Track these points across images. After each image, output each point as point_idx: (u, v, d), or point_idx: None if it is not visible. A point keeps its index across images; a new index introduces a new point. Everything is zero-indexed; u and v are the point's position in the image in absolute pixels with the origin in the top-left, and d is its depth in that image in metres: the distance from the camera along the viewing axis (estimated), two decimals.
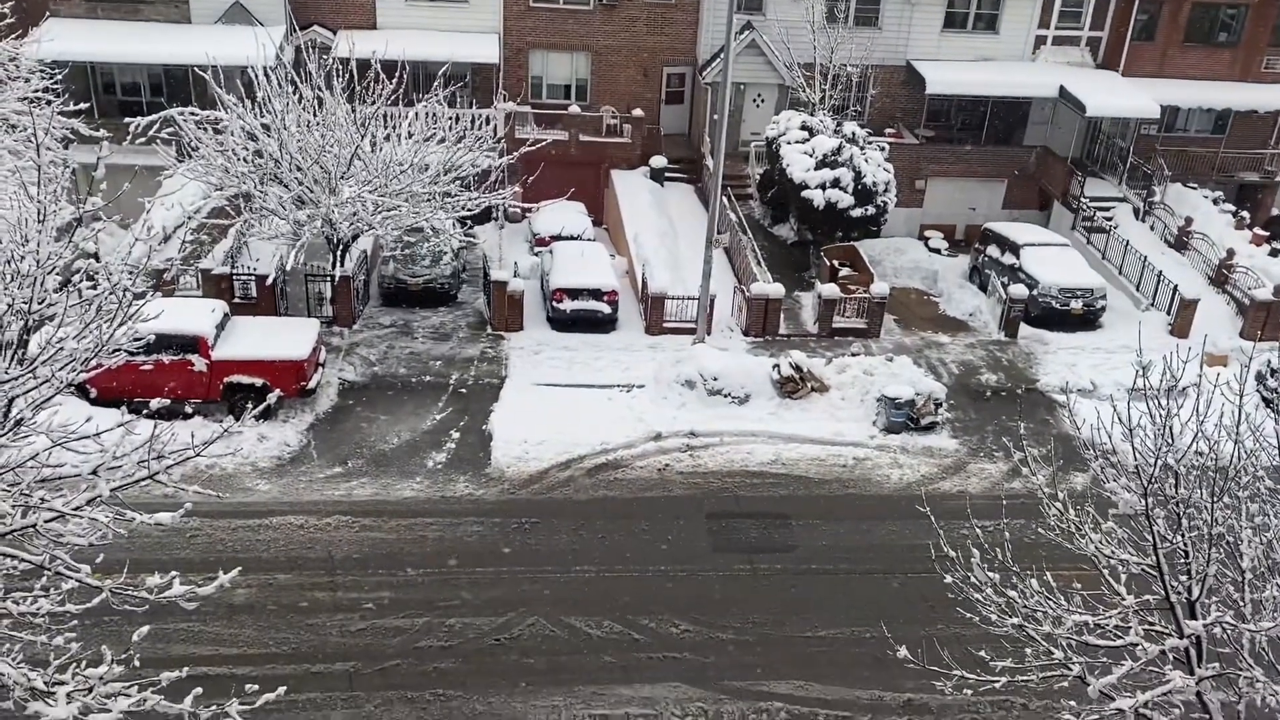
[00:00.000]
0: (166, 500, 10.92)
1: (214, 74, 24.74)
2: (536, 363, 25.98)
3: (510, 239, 32.92)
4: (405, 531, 19.67)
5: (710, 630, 17.71)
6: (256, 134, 25.19)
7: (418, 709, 15.90)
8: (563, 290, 27.37)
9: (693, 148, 37.12)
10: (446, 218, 26.70)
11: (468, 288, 29.50)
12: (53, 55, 26.65)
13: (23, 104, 24.57)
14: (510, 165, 29.37)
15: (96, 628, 12.56)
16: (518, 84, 35.51)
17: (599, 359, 26.24)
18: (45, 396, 9.01)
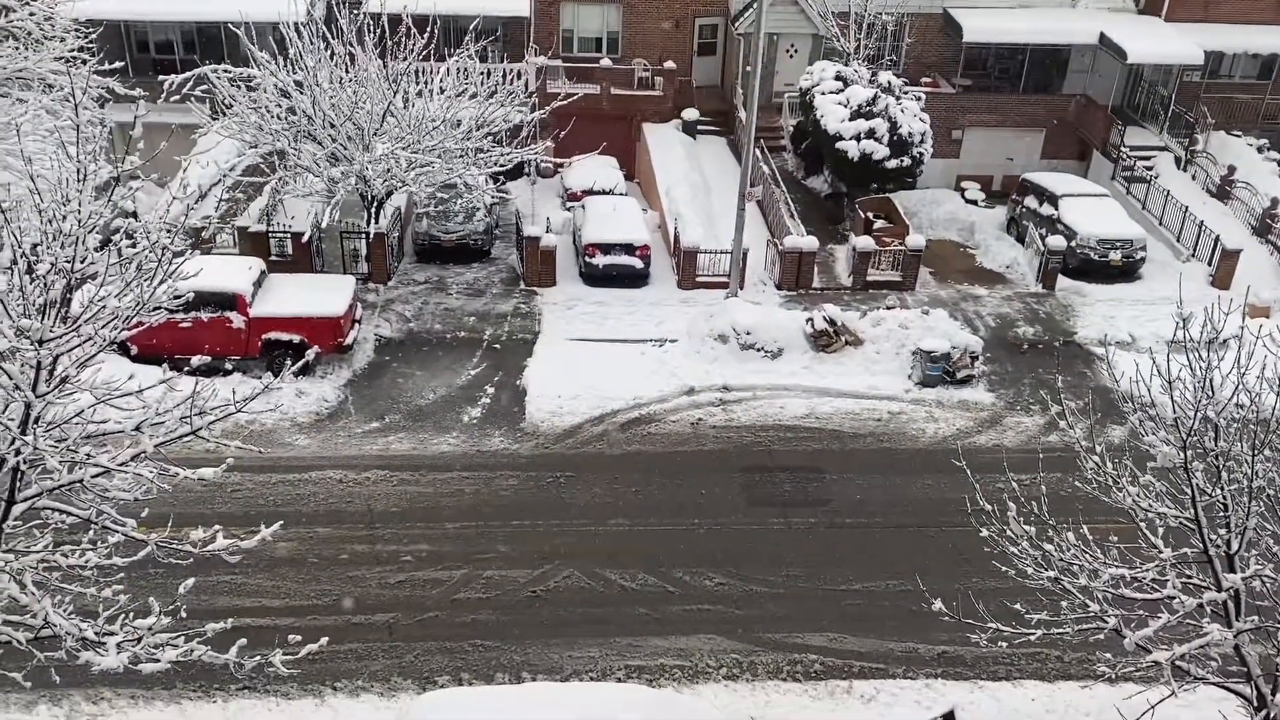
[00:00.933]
0: (208, 455, 11.10)
1: (246, 31, 24.74)
2: (569, 318, 26.03)
3: (542, 194, 32.84)
4: (442, 485, 19.89)
5: (744, 583, 17.83)
6: (289, 91, 25.22)
7: (456, 659, 16.17)
8: (595, 245, 27.34)
9: (725, 100, 36.75)
10: (479, 173, 26.68)
11: (501, 243, 29.54)
12: (87, 14, 26.70)
13: (59, 64, 24.73)
14: (542, 120, 29.22)
15: (143, 580, 12.82)
16: (549, 38, 35.24)
17: (631, 314, 26.24)
18: (89, 354, 9.16)
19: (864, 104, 29.98)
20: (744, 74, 33.59)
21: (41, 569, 9.80)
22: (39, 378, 8.73)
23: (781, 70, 35.58)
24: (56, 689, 14.17)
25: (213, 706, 15.11)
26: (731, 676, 16.08)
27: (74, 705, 14.84)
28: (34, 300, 8.74)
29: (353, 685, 15.62)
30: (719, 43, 37.09)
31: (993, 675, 16.39)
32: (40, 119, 22.34)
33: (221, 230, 26.55)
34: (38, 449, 8.70)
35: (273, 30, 26.64)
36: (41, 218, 9.06)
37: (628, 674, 15.97)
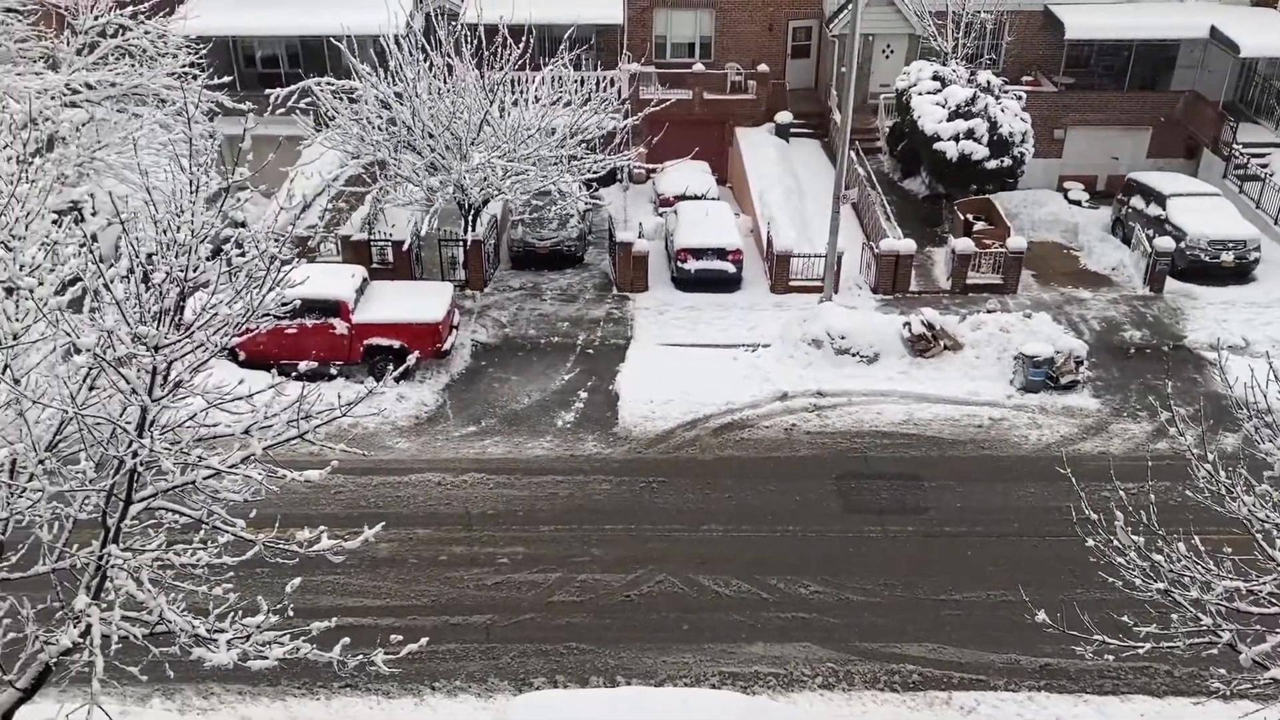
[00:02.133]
0: (313, 458, 11.39)
1: (348, 44, 25.41)
2: (661, 323, 26.08)
3: (635, 200, 33.01)
4: (537, 489, 20.10)
5: (840, 591, 17.63)
6: (389, 102, 25.80)
7: (551, 661, 16.31)
8: (687, 250, 27.35)
9: (819, 102, 36.45)
10: (573, 180, 26.93)
11: (594, 249, 29.76)
12: (197, 31, 27.73)
13: (172, 79, 25.72)
14: (635, 126, 29.37)
15: (250, 579, 13.22)
16: (642, 44, 35.41)
17: (724, 318, 26.19)
18: (201, 360, 9.49)
19: (962, 104, 29.43)
20: (839, 75, 33.29)
21: (156, 567, 10.17)
22: (154, 383, 9.07)
23: (877, 71, 35.13)
24: (170, 683, 14.72)
25: (316, 703, 15.50)
26: (827, 685, 15.91)
27: (185, 699, 15.37)
28: (150, 308, 9.08)
29: (451, 685, 15.87)
30: (813, 45, 36.79)
31: (1098, 689, 15.91)
32: (154, 133, 23.27)
33: (325, 239, 27.28)
34: (153, 451, 9.04)
35: (373, 43, 27.30)
36: (157, 228, 9.42)
37: (721, 680, 15.91)
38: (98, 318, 9.12)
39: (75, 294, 9.47)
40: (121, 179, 24.02)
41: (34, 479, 9.40)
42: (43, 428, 9.75)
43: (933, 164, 30.48)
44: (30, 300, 9.18)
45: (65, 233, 10.00)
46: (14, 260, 8.84)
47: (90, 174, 24.23)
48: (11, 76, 23.23)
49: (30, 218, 9.47)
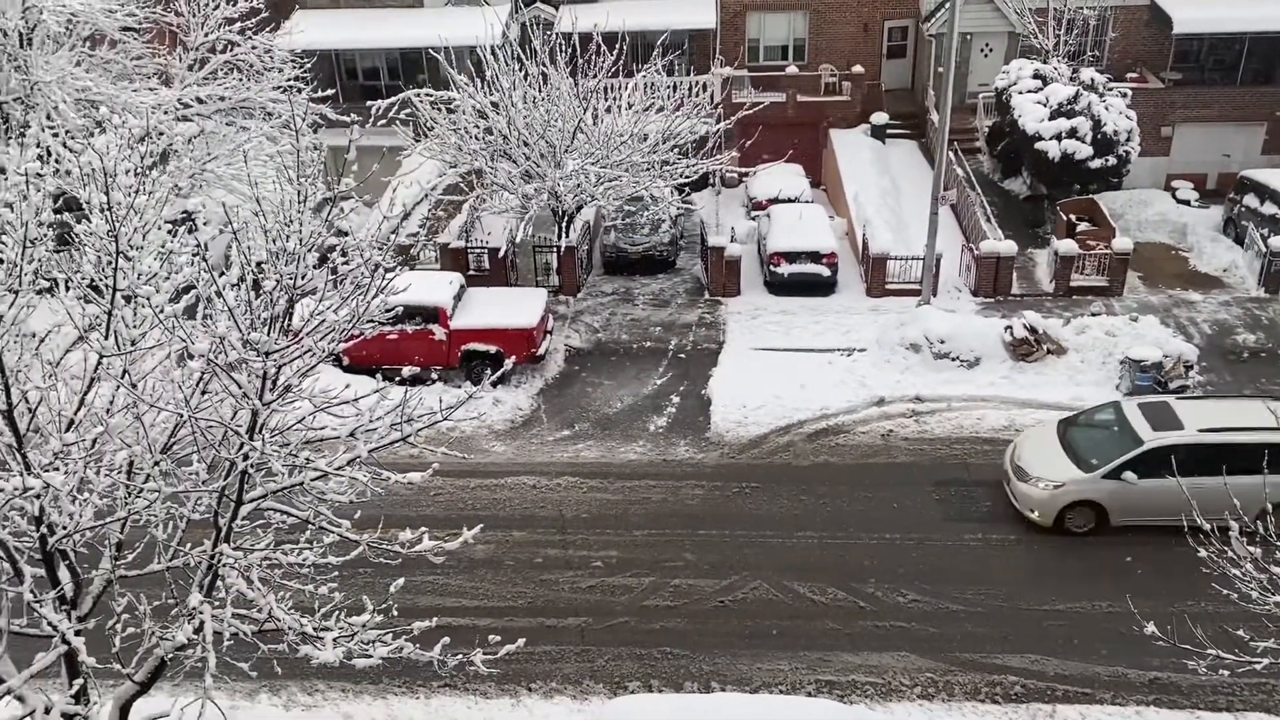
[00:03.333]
0: (414, 461, 11.61)
1: (446, 55, 25.90)
2: (754, 327, 25.97)
3: (727, 204, 32.93)
4: (630, 493, 20.18)
5: (939, 600, 17.31)
6: (486, 112, 26.22)
7: (646, 665, 16.35)
8: (780, 254, 27.18)
9: (916, 102, 35.91)
10: (665, 186, 27.00)
11: (685, 254, 29.78)
12: (302, 46, 28.56)
13: (278, 93, 26.52)
14: (727, 130, 29.32)
15: (354, 579, 13.56)
16: (735, 47, 35.33)
17: (818, 323, 25.95)
18: (309, 365, 9.77)
19: (1065, 102, 28.70)
20: (936, 75, 32.75)
21: (265, 566, 10.48)
22: (265, 387, 9.37)
23: (975, 70, 34.48)
24: (277, 679, 15.16)
25: (416, 702, 15.78)
26: (926, 695, 15.63)
27: (291, 695, 15.80)
28: (260, 315, 9.38)
29: (547, 687, 16.01)
30: (909, 45, 36.27)
31: (1211, 705, 15.32)
32: (262, 145, 24.02)
33: (425, 247, 27.84)
34: (264, 453, 9.33)
35: (470, 53, 27.77)
36: (267, 237, 9.72)
37: (818, 688, 15.76)
38: (211, 324, 9.45)
39: (189, 301, 9.83)
40: (230, 190, 24.85)
41: (150, 480, 9.77)
42: (158, 430, 10.13)
43: (1034, 164, 29.77)
44: (147, 308, 9.56)
45: (180, 242, 10.39)
46: (132, 269, 9.21)
47: (201, 185, 25.13)
48: (128, 93, 24.21)
49: (147, 228, 9.85)
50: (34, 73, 23.20)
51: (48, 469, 8.83)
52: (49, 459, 9.08)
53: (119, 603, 10.39)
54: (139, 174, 9.69)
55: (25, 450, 8.72)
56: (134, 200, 9.32)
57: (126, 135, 9.88)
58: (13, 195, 9.00)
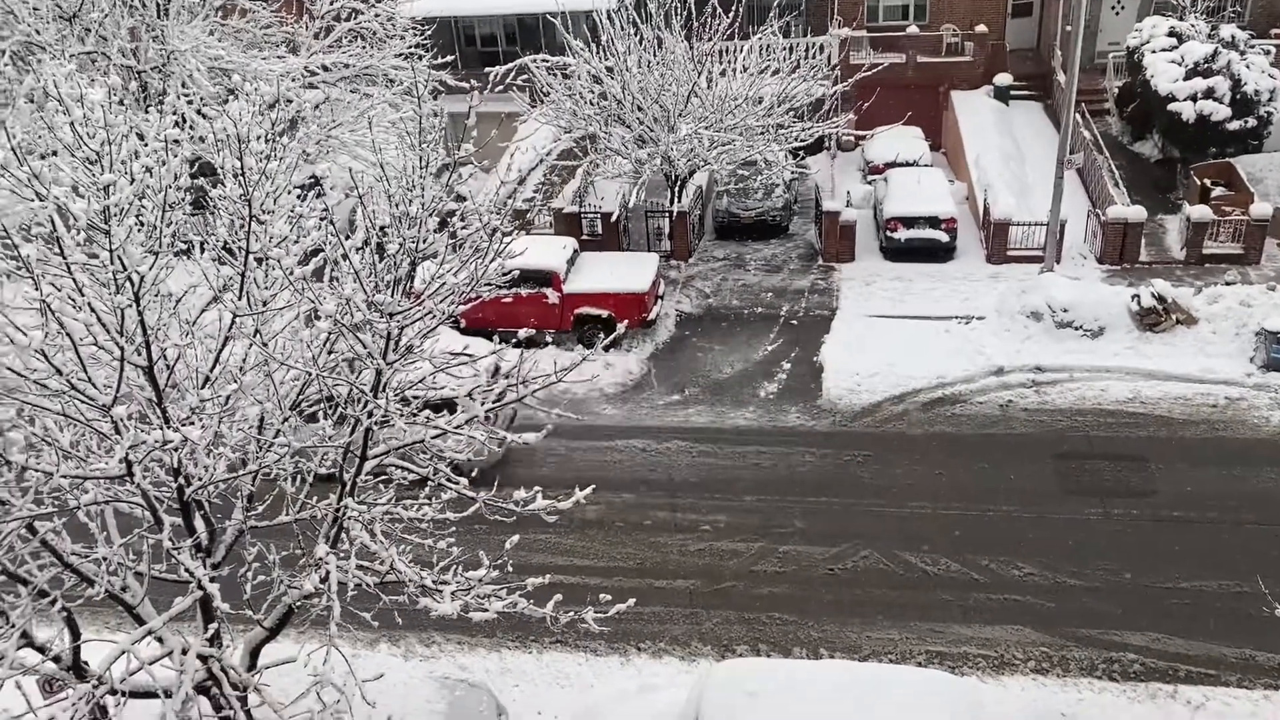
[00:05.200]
0: (528, 422, 11.86)
1: (562, 20, 26.01)
2: (869, 294, 25.59)
3: (842, 168, 32.41)
4: (739, 459, 20.19)
5: (1057, 575, 16.92)
6: (601, 77, 26.28)
7: (754, 630, 16.41)
8: (897, 219, 26.68)
9: (1042, 63, 34.66)
10: (779, 149, 26.71)
11: (799, 219, 29.46)
12: (422, 13, 29.01)
13: (399, 60, 27.03)
14: (844, 93, 28.80)
15: (470, 535, 13.90)
16: (853, 8, 34.56)
17: (935, 289, 25.43)
18: (430, 327, 10.02)
19: (1201, 61, 27.35)
20: (1064, 34, 31.53)
21: (386, 520, 10.84)
22: (388, 347, 9.65)
23: (1105, 28, 33.10)
24: (396, 630, 15.71)
25: (528, 656, 16.17)
26: (1040, 670, 15.34)
27: (409, 646, 16.35)
28: (384, 277, 9.65)
29: (655, 647, 16.22)
30: (1035, 2, 34.96)
31: None
32: (384, 111, 24.54)
33: (539, 212, 28.14)
34: (387, 412, 9.63)
35: (586, 19, 27.81)
36: (390, 202, 9.97)
37: (928, 659, 15.60)
38: (337, 286, 9.75)
39: (317, 264, 10.15)
40: (354, 155, 25.48)
41: (280, 435, 10.17)
42: (287, 388, 10.52)
43: (1167, 126, 28.50)
44: (278, 270, 9.91)
45: (308, 207, 10.73)
46: (265, 232, 9.56)
47: (327, 151, 25.83)
48: (258, 61, 24.99)
49: (278, 192, 10.19)
50: (170, 42, 24.11)
51: (185, 423, 9.27)
52: (186, 414, 9.53)
53: (250, 552, 10.88)
54: (269, 140, 10.02)
55: (165, 405, 9.17)
56: (265, 165, 9.65)
57: (257, 102, 10.21)
58: (152, 161, 9.40)
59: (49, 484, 8.63)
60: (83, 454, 9.21)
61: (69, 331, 8.41)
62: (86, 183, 8.95)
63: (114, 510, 10.48)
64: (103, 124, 8.94)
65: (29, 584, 9.43)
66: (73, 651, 10.28)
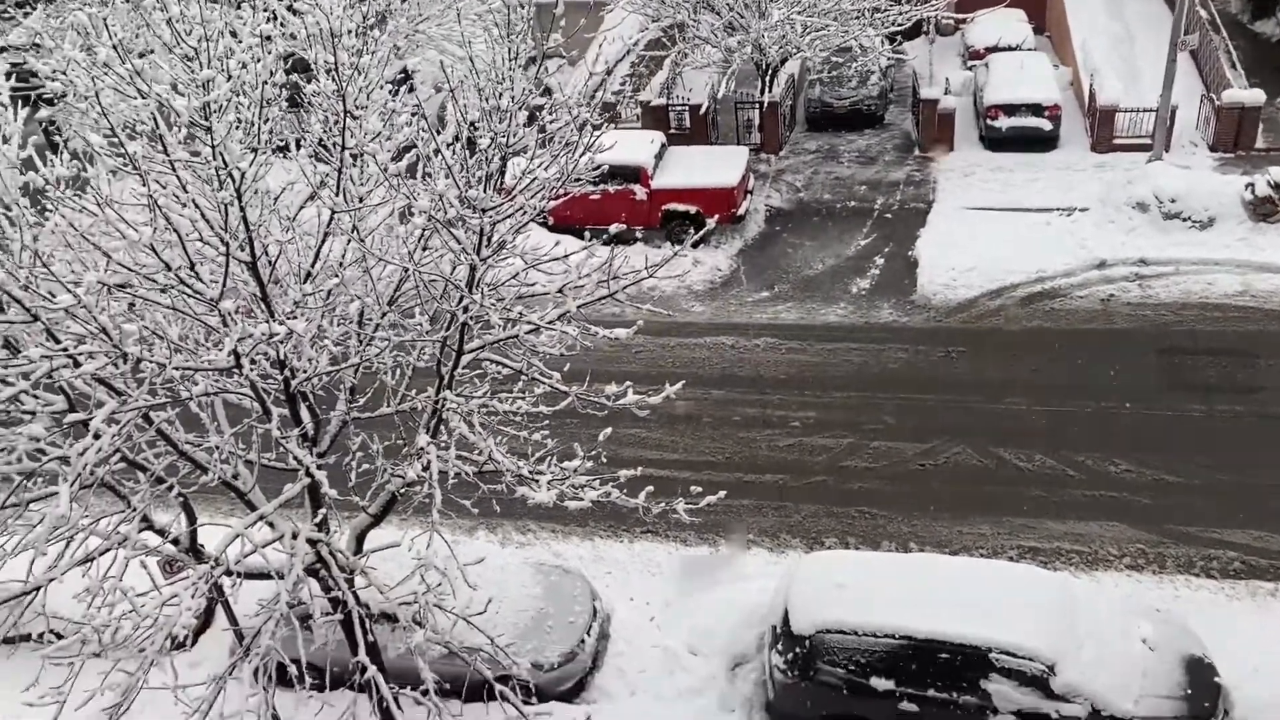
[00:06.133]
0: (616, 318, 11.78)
1: None
2: (967, 185, 24.89)
3: (941, 54, 31.23)
4: (829, 355, 20.06)
5: (1155, 471, 16.60)
6: None
7: (843, 523, 16.51)
8: (998, 106, 25.74)
9: None
10: (875, 35, 25.82)
11: (895, 108, 28.61)
12: None
13: None
14: None
15: (562, 428, 14.16)
16: None
17: (1036, 180, 24.62)
18: (521, 223, 10.04)
19: None
20: None
21: (483, 413, 11.06)
22: (481, 243, 9.71)
23: None
24: (494, 519, 16.17)
25: (619, 545, 16.55)
26: (1135, 566, 15.19)
27: (506, 534, 16.86)
28: (476, 173, 9.66)
29: (744, 539, 16.44)
30: None
31: None
32: (471, 4, 24.28)
33: (626, 104, 27.79)
34: (482, 306, 9.74)
35: None
36: (480, 96, 9.91)
37: (1020, 554, 15.55)
38: (430, 182, 9.80)
39: (410, 160, 10.19)
40: (442, 50, 25.36)
41: (380, 329, 10.39)
42: (384, 284, 10.70)
43: None
44: (373, 165, 9.99)
45: (400, 102, 10.73)
46: (359, 128, 9.61)
47: (416, 46, 25.75)
48: None
49: (370, 88, 10.22)
50: None
51: (289, 317, 9.52)
52: (289, 308, 9.78)
53: (353, 442, 11.24)
54: (360, 34, 10.00)
55: (269, 299, 9.41)
56: (358, 61, 9.66)
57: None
58: (246, 58, 9.47)
59: (161, 376, 8.96)
60: (191, 347, 9.54)
61: (175, 227, 8.64)
62: (185, 80, 9.07)
63: (223, 401, 10.89)
64: (199, 20, 9.01)
65: (147, 471, 9.90)
66: (190, 535, 10.83)
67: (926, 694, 12.34)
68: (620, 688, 14.05)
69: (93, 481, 9.00)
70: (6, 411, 9.16)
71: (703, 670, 14.12)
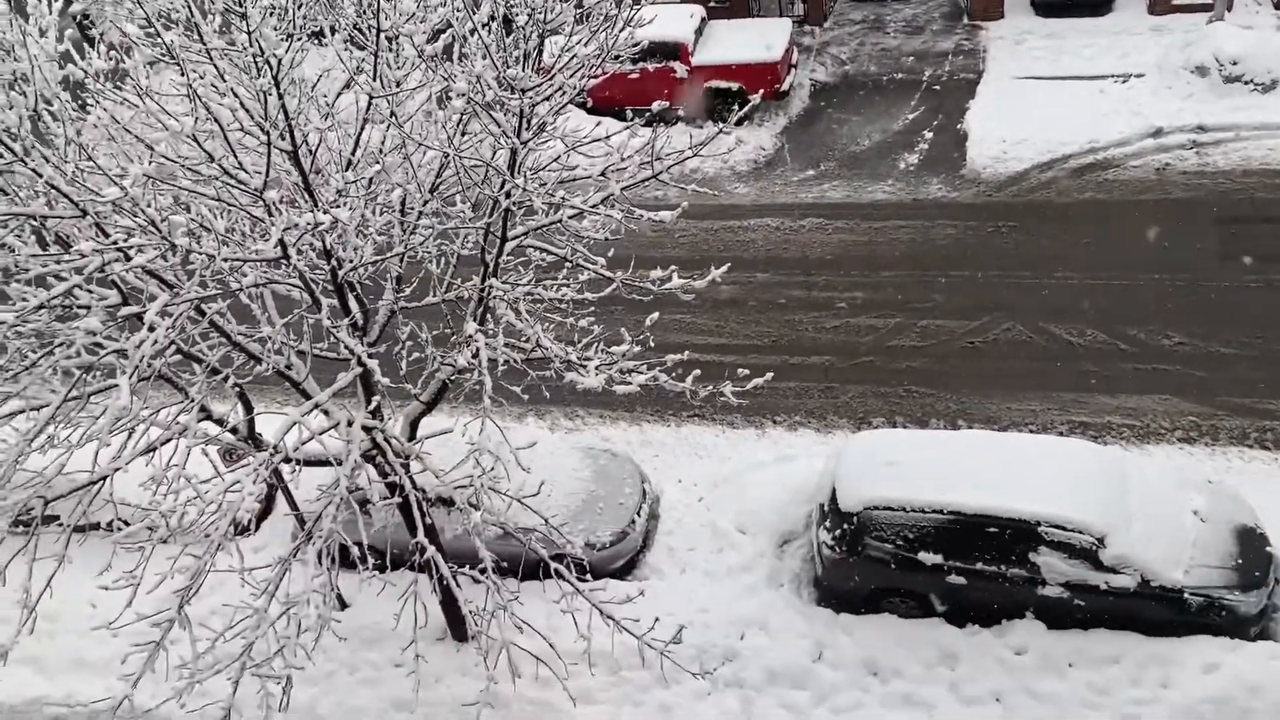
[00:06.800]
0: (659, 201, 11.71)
1: None
2: (1018, 54, 24.04)
3: None
4: (876, 234, 19.76)
5: (1210, 343, 16.34)
6: None
7: (890, 403, 16.51)
8: None
9: None
10: None
11: None
12: None
13: None
14: None
15: (608, 315, 14.19)
16: None
17: (1090, 46, 23.69)
18: (560, 104, 9.86)
19: None
20: None
21: (528, 300, 11.07)
22: (521, 125, 9.56)
23: None
24: (543, 405, 16.34)
25: (666, 429, 16.71)
26: (1187, 439, 15.08)
27: (554, 419, 17.06)
28: (513, 53, 9.45)
29: (791, 420, 16.52)
30: None
31: None
32: None
33: None
34: (525, 191, 9.65)
35: None
36: None
37: (1070, 429, 15.49)
38: (467, 64, 9.61)
39: (445, 41, 9.98)
40: None
41: (422, 217, 10.36)
42: (425, 171, 10.62)
43: None
44: (409, 48, 9.82)
45: None
46: (394, 9, 9.40)
47: None
48: None
49: None
50: None
51: (333, 206, 9.50)
52: (332, 197, 9.75)
53: (402, 332, 11.33)
54: None
55: (311, 188, 9.38)
56: None
57: None
58: None
59: (211, 268, 9.03)
60: (239, 240, 9.58)
61: (216, 117, 8.59)
62: None
63: (272, 293, 10.99)
64: None
65: (202, 362, 10.06)
66: (248, 424, 11.05)
67: (974, 567, 12.48)
68: (670, 565, 14.35)
69: (150, 374, 9.16)
70: (64, 307, 9.31)
71: (751, 548, 14.36)
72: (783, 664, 12.88)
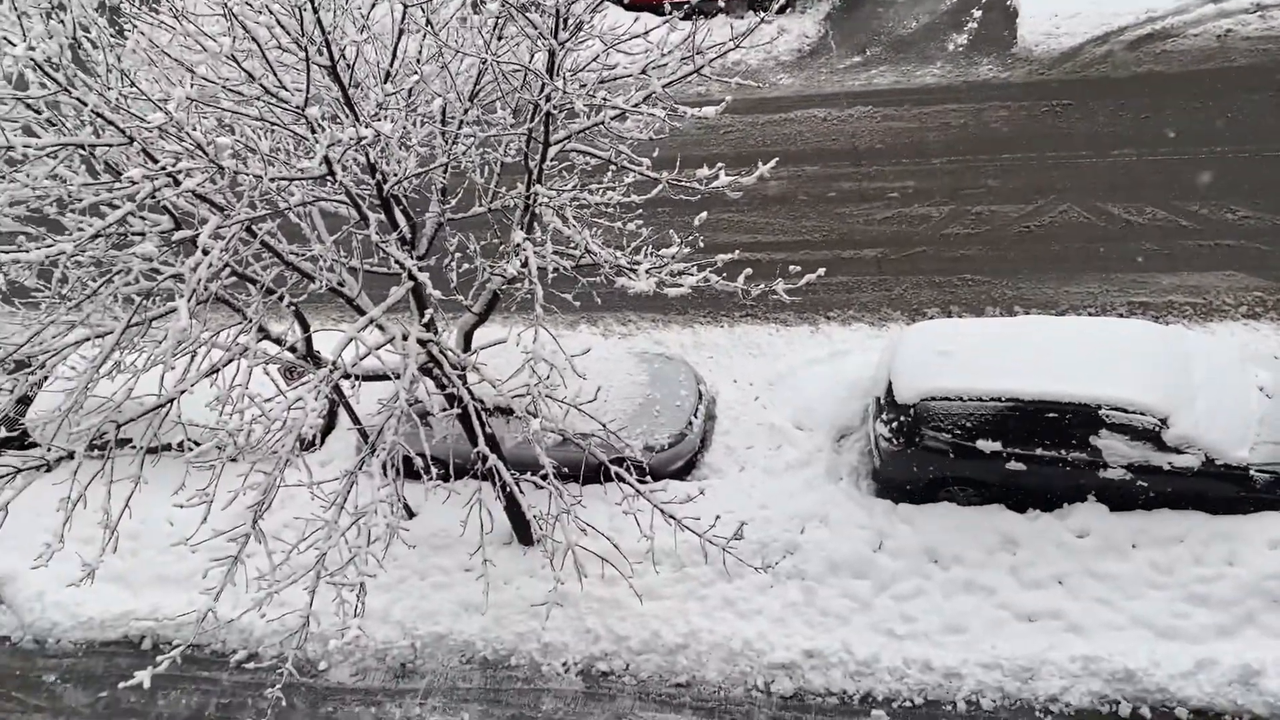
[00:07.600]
0: (703, 97, 11.54)
1: None
2: None
3: None
4: (927, 119, 19.28)
5: (1275, 216, 15.85)
6: None
7: (945, 293, 16.30)
8: None
9: None
10: None
11: None
12: None
13: None
14: None
15: (655, 217, 14.08)
16: None
17: None
18: (596, 1, 9.65)
19: None
20: None
21: (575, 206, 11.00)
22: (558, 25, 9.38)
23: None
24: (595, 311, 16.28)
25: (720, 330, 16.68)
26: (1253, 315, 14.76)
27: (607, 325, 17.10)
28: None
29: (844, 315, 16.41)
30: None
31: None
32: None
33: None
34: (565, 93, 9.51)
35: None
36: None
37: (1131, 310, 15.22)
38: None
39: None
40: None
41: (463, 126, 10.28)
42: (463, 79, 10.50)
43: None
44: None
45: None
46: None
47: None
48: None
49: None
50: None
51: (374, 119, 9.45)
52: (373, 110, 9.70)
53: (451, 243, 11.34)
54: None
55: (352, 103, 9.33)
56: None
57: None
58: None
59: (259, 189, 9.07)
60: (284, 159, 9.60)
61: (253, 35, 8.53)
62: None
63: (320, 211, 11.03)
64: None
65: (257, 283, 10.19)
66: (305, 342, 11.22)
67: (1034, 453, 12.43)
68: (729, 464, 14.48)
69: (207, 296, 9.31)
70: (119, 234, 9.44)
71: (808, 444, 14.42)
72: (843, 555, 13.03)
